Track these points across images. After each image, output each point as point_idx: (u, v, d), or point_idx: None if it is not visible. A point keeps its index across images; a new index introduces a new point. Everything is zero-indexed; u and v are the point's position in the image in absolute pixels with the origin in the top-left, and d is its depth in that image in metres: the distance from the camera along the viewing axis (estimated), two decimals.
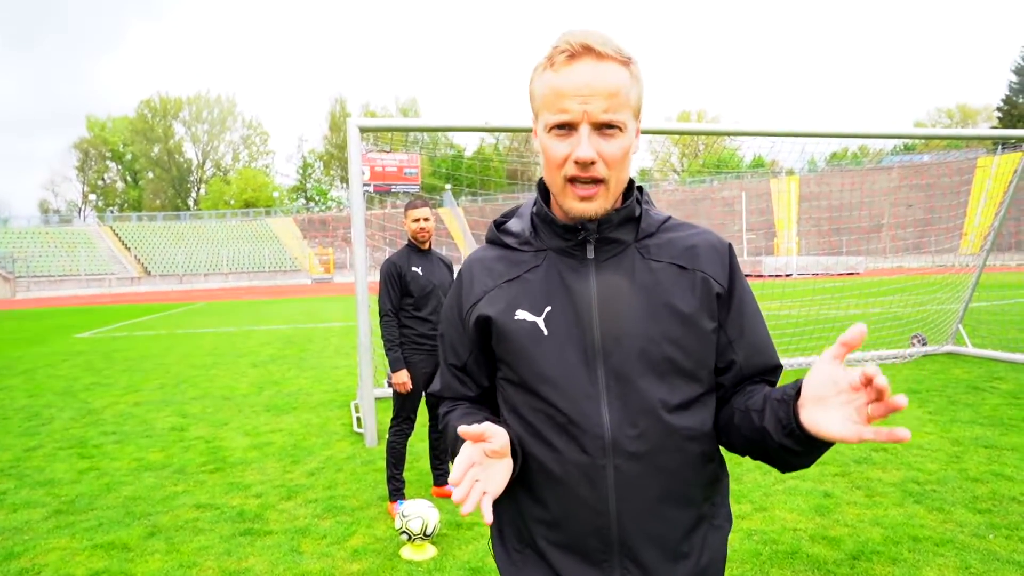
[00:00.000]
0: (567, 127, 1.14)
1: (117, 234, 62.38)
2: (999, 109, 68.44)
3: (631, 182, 1.27)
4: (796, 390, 1.07)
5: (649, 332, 1.19)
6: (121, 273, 56.21)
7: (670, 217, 1.33)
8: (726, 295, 1.26)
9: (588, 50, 1.13)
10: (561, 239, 1.26)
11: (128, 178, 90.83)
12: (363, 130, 5.98)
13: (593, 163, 1.14)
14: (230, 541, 3.94)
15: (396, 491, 4.40)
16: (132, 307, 29.28)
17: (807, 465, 1.15)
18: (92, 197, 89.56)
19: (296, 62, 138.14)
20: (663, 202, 62.52)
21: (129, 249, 60.33)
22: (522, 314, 1.23)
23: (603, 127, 1.14)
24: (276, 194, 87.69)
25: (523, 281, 1.26)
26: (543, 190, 1.30)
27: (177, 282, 55.44)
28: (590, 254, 1.24)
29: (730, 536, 3.84)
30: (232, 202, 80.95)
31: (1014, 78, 66.83)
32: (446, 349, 1.39)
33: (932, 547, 3.53)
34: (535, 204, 1.32)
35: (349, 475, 5.12)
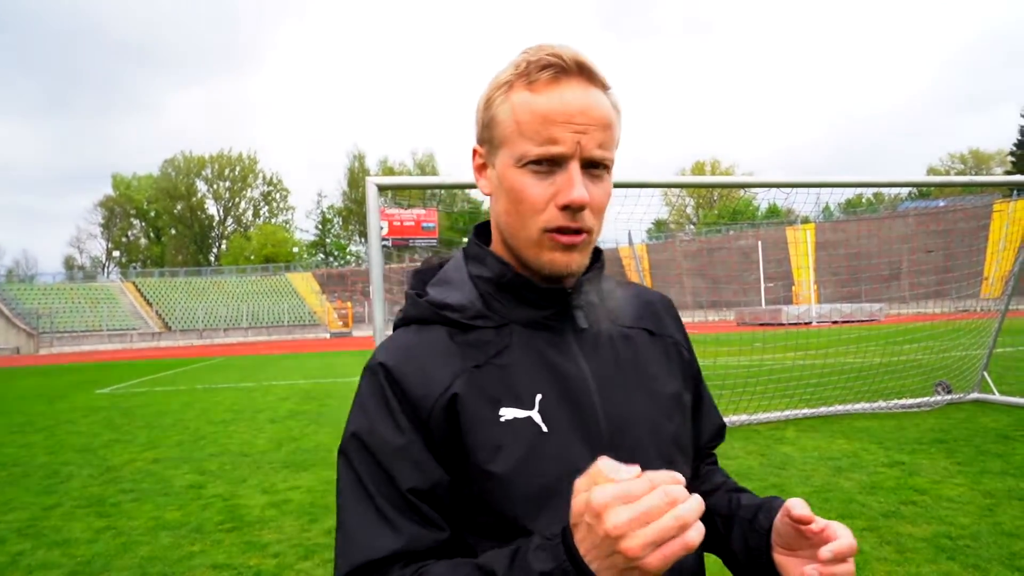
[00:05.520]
0: (549, 162, 0.90)
1: (139, 290, 63.33)
2: (1012, 153, 68.38)
3: None
4: (769, 523, 0.96)
5: (651, 414, 1.01)
6: (143, 328, 56.85)
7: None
8: (690, 361, 1.14)
9: (582, 69, 0.90)
10: (534, 308, 0.99)
11: (151, 234, 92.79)
12: (381, 188, 6.09)
13: (584, 208, 0.91)
14: None
15: None
16: (152, 362, 29.50)
17: None
18: (116, 253, 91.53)
19: (316, 119, 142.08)
20: (679, 252, 62.59)
21: (151, 305, 61.13)
22: (509, 412, 0.92)
23: (593, 166, 0.91)
24: (295, 249, 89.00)
25: (495, 368, 0.95)
26: (483, 247, 1.04)
27: (197, 337, 55.92)
28: (582, 323, 1.01)
29: None
30: (252, 257, 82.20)
31: None
32: (389, 476, 0.90)
33: None
34: (478, 266, 1.03)
35: None
